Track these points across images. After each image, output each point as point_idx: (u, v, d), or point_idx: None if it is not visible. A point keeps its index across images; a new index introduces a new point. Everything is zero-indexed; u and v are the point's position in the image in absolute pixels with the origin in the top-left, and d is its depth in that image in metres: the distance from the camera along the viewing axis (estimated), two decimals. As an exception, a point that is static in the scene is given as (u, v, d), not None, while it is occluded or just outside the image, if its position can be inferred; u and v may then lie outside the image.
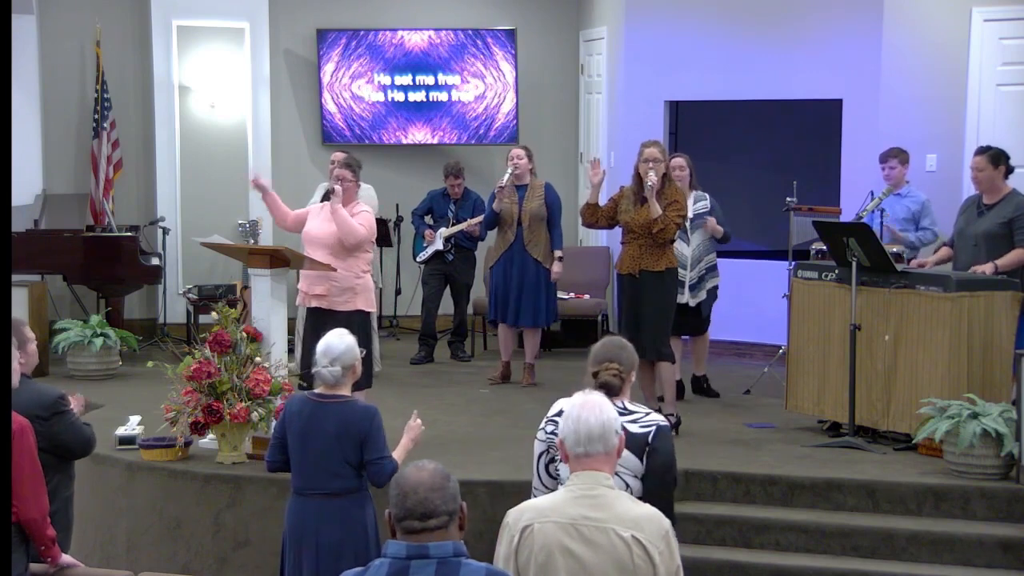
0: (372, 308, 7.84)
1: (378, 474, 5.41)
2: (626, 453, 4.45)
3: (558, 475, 4.69)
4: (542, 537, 3.64)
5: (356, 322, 7.60)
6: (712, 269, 9.14)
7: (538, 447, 4.76)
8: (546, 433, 4.72)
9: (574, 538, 3.63)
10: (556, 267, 9.61)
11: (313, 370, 5.58)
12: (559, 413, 4.67)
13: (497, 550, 3.75)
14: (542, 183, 9.67)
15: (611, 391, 4.59)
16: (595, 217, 8.11)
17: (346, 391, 5.48)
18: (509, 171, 9.77)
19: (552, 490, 4.65)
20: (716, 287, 9.18)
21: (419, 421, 5.75)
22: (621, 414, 4.52)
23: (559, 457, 4.65)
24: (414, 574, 3.19)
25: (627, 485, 4.57)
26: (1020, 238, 7.92)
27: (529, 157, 9.66)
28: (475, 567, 3.22)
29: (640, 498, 4.22)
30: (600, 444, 3.70)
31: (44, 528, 4.88)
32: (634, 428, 4.57)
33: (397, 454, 5.57)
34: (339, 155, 9.76)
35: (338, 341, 5.47)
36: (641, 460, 4.53)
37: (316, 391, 5.51)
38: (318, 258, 7.60)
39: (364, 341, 7.77)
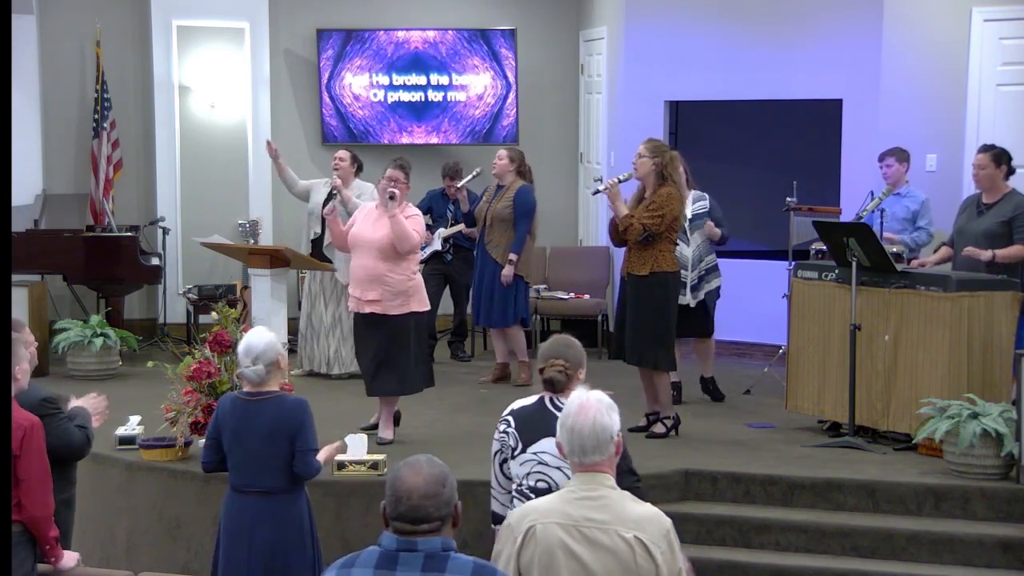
0: (426, 307, 7.77)
1: (306, 466, 5.41)
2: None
3: (511, 475, 4.82)
4: (545, 538, 3.65)
5: (412, 325, 7.61)
6: (713, 270, 9.08)
7: (493, 447, 4.91)
8: (499, 432, 4.87)
9: (576, 539, 3.63)
10: (506, 269, 9.49)
11: (237, 371, 5.59)
12: (511, 412, 4.83)
13: (497, 550, 3.76)
14: (520, 185, 9.58)
15: (556, 387, 4.77)
16: (618, 235, 7.91)
17: (274, 386, 5.48)
18: (474, 173, 9.84)
19: (508, 490, 4.85)
20: (719, 287, 9.13)
21: (338, 443, 5.99)
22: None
23: (509, 456, 4.79)
24: (402, 565, 3.26)
25: (569, 479, 4.65)
26: (1021, 236, 7.93)
27: (511, 159, 9.58)
28: (463, 560, 3.30)
29: None
30: (596, 454, 3.71)
31: (47, 527, 4.89)
32: None
33: (320, 456, 5.58)
34: (340, 153, 9.82)
35: (257, 340, 5.45)
36: None
37: (245, 390, 5.50)
38: (367, 261, 7.52)
39: (422, 341, 7.77)
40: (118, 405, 8.31)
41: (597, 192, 7.95)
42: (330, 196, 9.77)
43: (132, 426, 7.72)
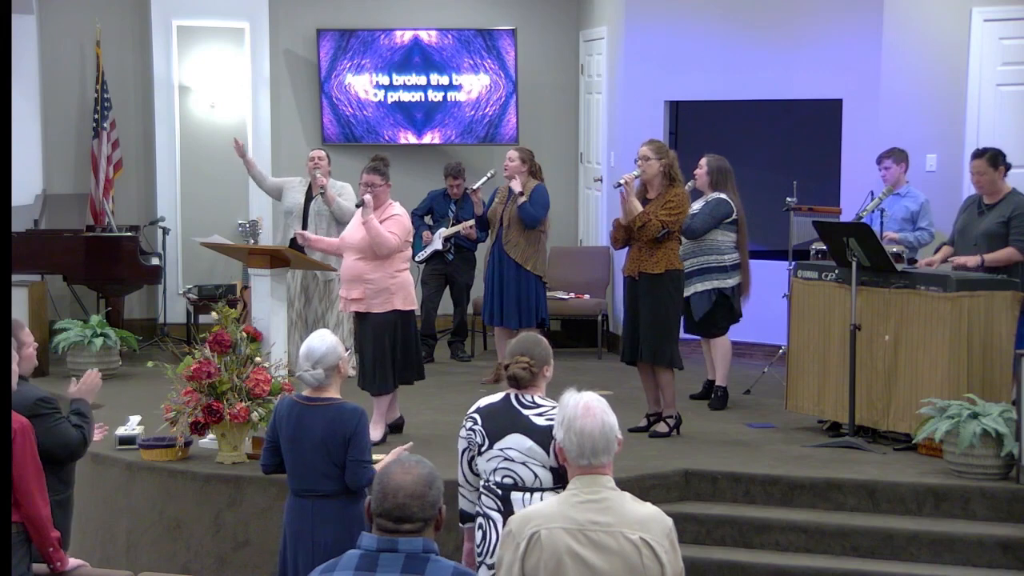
0: (411, 306, 7.82)
1: (356, 476, 5.32)
2: (532, 445, 4.81)
3: (478, 472, 4.96)
4: (551, 544, 3.63)
5: (394, 322, 7.68)
6: (698, 273, 8.74)
7: (460, 444, 5.04)
8: (466, 430, 4.99)
9: (583, 544, 3.62)
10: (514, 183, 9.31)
11: (297, 374, 5.55)
12: (477, 410, 5.00)
13: (500, 558, 3.73)
14: (535, 184, 9.57)
15: (520, 383, 4.87)
16: (623, 236, 7.91)
17: (333, 392, 5.43)
18: (488, 175, 9.86)
19: (475, 487, 5.00)
20: (710, 291, 8.78)
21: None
22: (528, 407, 4.89)
23: (476, 453, 4.95)
24: (382, 566, 3.26)
25: (535, 475, 4.84)
26: (1015, 237, 7.94)
27: (523, 160, 9.56)
28: (443, 564, 3.29)
29: (554, 488, 4.67)
30: (605, 455, 3.72)
31: (48, 528, 4.88)
32: (540, 421, 4.85)
33: (378, 468, 5.53)
34: (317, 152, 9.90)
35: (319, 343, 5.39)
36: (548, 452, 4.76)
37: (304, 394, 5.46)
38: (350, 262, 7.66)
39: (406, 339, 7.80)
40: (118, 405, 8.35)
41: (618, 185, 7.95)
42: (309, 196, 9.79)
43: (132, 426, 7.72)
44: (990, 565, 6.58)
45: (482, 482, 4.92)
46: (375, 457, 7.06)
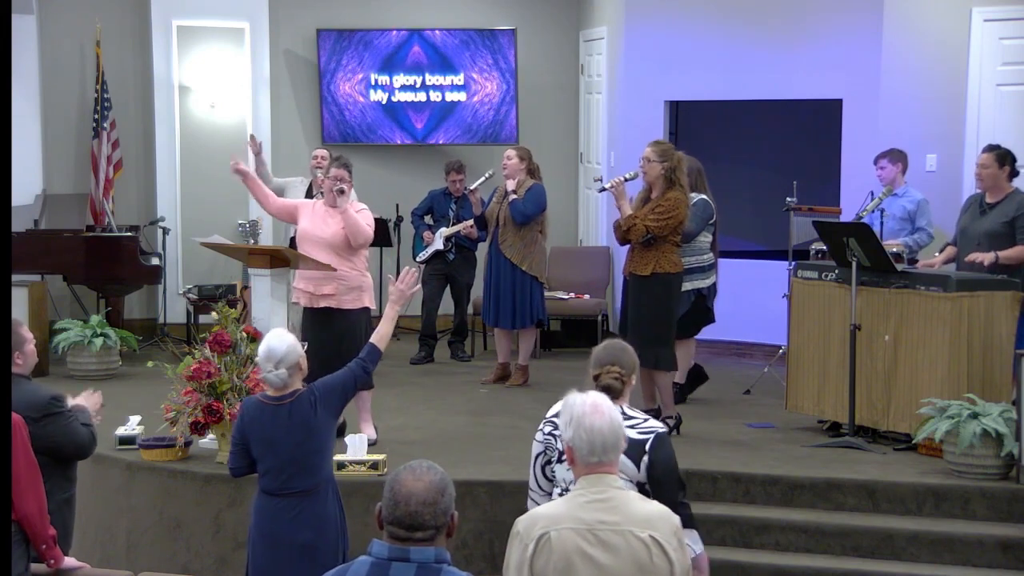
0: (375, 305, 7.84)
1: (357, 379, 5.55)
2: (623, 458, 4.45)
3: (553, 477, 4.70)
4: (560, 545, 3.62)
5: (363, 320, 7.63)
6: (683, 273, 8.64)
7: (535, 448, 4.77)
8: (544, 434, 4.73)
9: (592, 543, 3.62)
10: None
11: (260, 376, 5.54)
12: (557, 414, 4.68)
13: (508, 559, 3.72)
14: (531, 184, 9.57)
15: (612, 394, 4.61)
16: (620, 235, 7.88)
17: (297, 385, 5.43)
18: (486, 175, 9.85)
19: (548, 493, 4.70)
20: (689, 292, 8.71)
21: (406, 287, 5.81)
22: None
23: (555, 459, 4.67)
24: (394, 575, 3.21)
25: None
26: (1023, 236, 7.93)
27: (522, 158, 9.55)
28: (455, 575, 3.24)
29: None
30: (614, 453, 3.71)
31: (43, 526, 4.87)
32: (632, 434, 4.57)
33: (381, 330, 5.66)
34: (321, 152, 9.90)
35: (279, 343, 5.38)
36: (638, 466, 4.56)
37: (268, 394, 5.45)
38: (318, 258, 7.57)
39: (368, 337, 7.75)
40: (118, 405, 8.33)
41: (602, 190, 7.93)
42: (309, 195, 9.77)
43: (132, 426, 7.72)
44: (990, 565, 6.58)
45: (558, 489, 4.67)
46: (370, 457, 7.12)
